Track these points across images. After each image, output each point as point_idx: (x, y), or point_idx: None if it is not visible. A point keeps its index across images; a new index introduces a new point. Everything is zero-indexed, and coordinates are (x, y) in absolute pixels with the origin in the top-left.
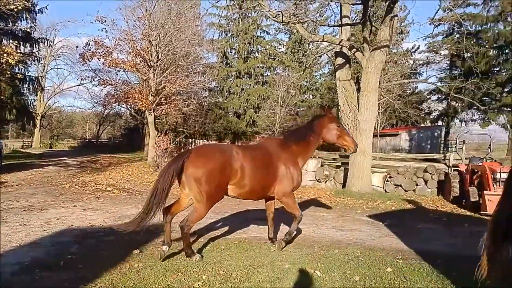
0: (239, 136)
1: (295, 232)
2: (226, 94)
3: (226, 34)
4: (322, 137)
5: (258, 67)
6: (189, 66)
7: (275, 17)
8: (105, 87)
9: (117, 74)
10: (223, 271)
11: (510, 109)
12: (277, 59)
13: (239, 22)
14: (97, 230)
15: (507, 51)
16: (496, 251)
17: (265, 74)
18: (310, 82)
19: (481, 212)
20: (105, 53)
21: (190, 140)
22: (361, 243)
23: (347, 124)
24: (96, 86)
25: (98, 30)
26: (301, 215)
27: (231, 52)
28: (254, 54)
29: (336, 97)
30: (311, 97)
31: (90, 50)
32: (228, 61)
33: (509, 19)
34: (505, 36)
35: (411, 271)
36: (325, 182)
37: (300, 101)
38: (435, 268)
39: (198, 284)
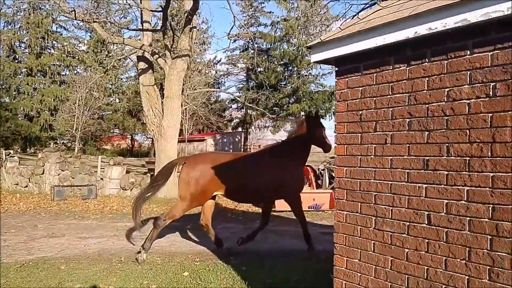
0: (32, 141)
1: None
2: (14, 93)
3: (14, 25)
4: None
5: (54, 64)
6: None
7: (69, 13)
8: None
9: None
10: None
11: (294, 117)
12: (77, 57)
13: (30, 13)
14: None
15: (290, 68)
16: None
17: (63, 73)
18: (116, 85)
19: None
20: None
21: None
22: (162, 250)
23: (152, 130)
24: None
25: None
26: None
27: (20, 46)
28: (49, 51)
29: None
30: (117, 100)
31: None
32: (17, 55)
33: (291, 40)
34: (289, 55)
35: (207, 271)
36: (131, 190)
37: (105, 104)
38: (229, 266)
39: None
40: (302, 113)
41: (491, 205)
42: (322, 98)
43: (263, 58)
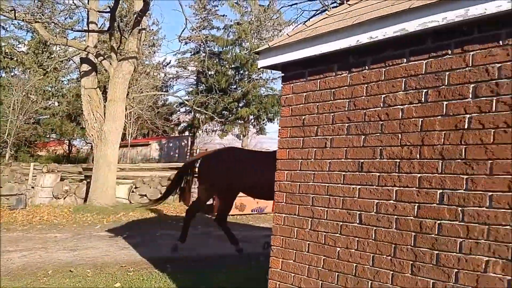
0: None
1: None
2: None
3: None
4: None
5: None
6: None
7: (8, 12)
8: None
9: None
10: None
11: (242, 121)
12: (15, 59)
13: None
14: None
15: (242, 71)
16: None
17: None
18: (56, 87)
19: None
20: None
21: None
22: (94, 262)
23: (92, 134)
24: None
25: None
26: None
27: None
28: None
29: None
30: (56, 104)
31: None
32: None
33: (243, 44)
34: (241, 59)
35: (140, 281)
36: (64, 198)
37: (42, 108)
38: (164, 274)
39: None
40: (251, 116)
41: (417, 204)
42: (271, 102)
43: (215, 61)
